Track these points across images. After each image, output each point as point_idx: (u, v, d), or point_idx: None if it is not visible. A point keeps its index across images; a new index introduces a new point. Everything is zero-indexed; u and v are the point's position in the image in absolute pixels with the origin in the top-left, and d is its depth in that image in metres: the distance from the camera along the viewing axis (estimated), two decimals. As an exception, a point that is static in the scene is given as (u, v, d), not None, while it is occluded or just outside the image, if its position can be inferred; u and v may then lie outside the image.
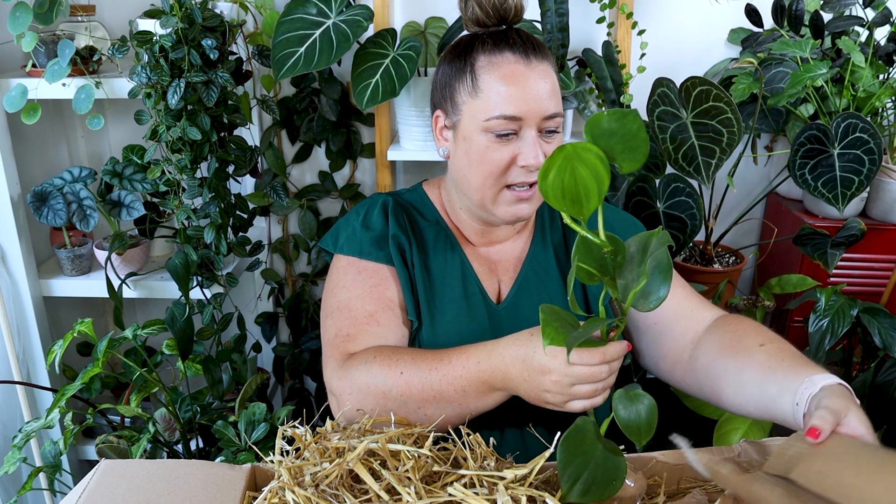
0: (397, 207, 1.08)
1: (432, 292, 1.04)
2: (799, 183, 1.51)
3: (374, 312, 1.00)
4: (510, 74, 0.94)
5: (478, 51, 0.97)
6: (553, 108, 0.95)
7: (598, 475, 0.69)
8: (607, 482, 0.70)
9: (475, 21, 0.98)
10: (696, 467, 0.75)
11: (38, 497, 1.78)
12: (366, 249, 1.04)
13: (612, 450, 0.72)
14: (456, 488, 0.68)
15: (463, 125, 0.98)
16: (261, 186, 1.86)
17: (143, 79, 1.39)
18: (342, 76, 1.82)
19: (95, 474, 0.76)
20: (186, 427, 1.48)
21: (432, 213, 1.11)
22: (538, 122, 0.95)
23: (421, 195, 1.13)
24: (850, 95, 1.60)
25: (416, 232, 1.07)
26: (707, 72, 1.87)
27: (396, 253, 1.04)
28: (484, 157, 0.96)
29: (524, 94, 0.93)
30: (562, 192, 0.68)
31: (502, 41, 0.96)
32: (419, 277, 1.04)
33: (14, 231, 1.57)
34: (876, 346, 1.53)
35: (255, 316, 1.97)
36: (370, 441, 0.72)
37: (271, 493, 0.69)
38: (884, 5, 1.60)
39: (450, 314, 1.03)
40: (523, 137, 0.95)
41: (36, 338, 1.66)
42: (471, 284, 1.06)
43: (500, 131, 0.94)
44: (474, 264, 1.08)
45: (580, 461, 0.69)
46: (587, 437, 0.71)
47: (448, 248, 1.07)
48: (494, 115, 0.94)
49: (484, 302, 1.05)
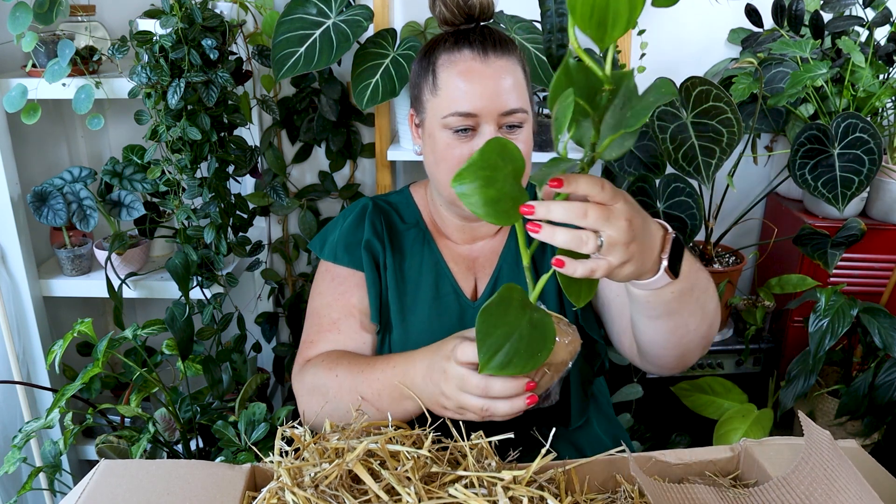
0: (375, 212, 1.10)
1: (404, 296, 1.06)
2: (799, 183, 1.51)
3: (336, 320, 1.05)
4: (466, 71, 0.95)
5: (439, 49, 0.99)
6: (513, 103, 0.95)
7: (522, 347, 0.65)
8: (531, 353, 0.66)
9: (443, 20, 1.00)
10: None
11: (38, 497, 1.78)
12: (339, 254, 1.08)
13: (539, 319, 0.68)
14: (457, 489, 0.68)
15: (427, 123, 1.01)
16: (261, 186, 1.86)
17: (143, 79, 1.39)
18: (342, 76, 1.82)
19: (95, 475, 0.76)
20: (186, 427, 1.48)
21: (413, 215, 1.12)
22: (496, 118, 0.95)
23: (406, 197, 1.15)
24: (850, 95, 1.60)
25: (392, 236, 1.09)
26: (707, 72, 1.87)
27: (369, 258, 1.06)
28: (445, 155, 0.98)
29: (480, 90, 0.94)
30: (591, 9, 0.59)
31: (463, 39, 0.97)
32: (391, 281, 1.06)
33: (14, 231, 1.57)
34: (876, 346, 1.53)
35: (255, 316, 1.97)
36: (370, 441, 0.72)
37: (270, 494, 0.69)
38: (884, 5, 1.60)
39: (420, 315, 1.05)
40: (482, 133, 0.96)
41: (36, 338, 1.66)
42: (444, 284, 1.07)
43: (456, 127, 0.96)
44: (451, 263, 1.09)
45: (502, 332, 0.65)
46: (512, 306, 0.66)
47: (425, 249, 1.09)
48: (450, 112, 0.95)
49: (458, 301, 1.06)
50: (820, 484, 0.73)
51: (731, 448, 0.84)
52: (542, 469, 0.77)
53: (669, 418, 1.86)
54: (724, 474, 0.83)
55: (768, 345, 1.85)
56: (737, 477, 0.83)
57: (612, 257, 0.67)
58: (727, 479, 0.83)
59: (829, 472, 0.73)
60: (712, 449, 0.85)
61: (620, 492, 0.79)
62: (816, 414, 1.72)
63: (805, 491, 0.73)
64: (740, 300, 1.85)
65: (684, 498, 0.75)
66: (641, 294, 0.80)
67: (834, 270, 1.70)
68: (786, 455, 0.81)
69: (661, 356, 0.94)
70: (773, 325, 1.91)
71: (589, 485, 0.80)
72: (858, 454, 0.83)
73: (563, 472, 0.78)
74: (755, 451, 0.82)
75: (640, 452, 0.83)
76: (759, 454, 0.82)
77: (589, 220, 0.65)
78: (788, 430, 1.80)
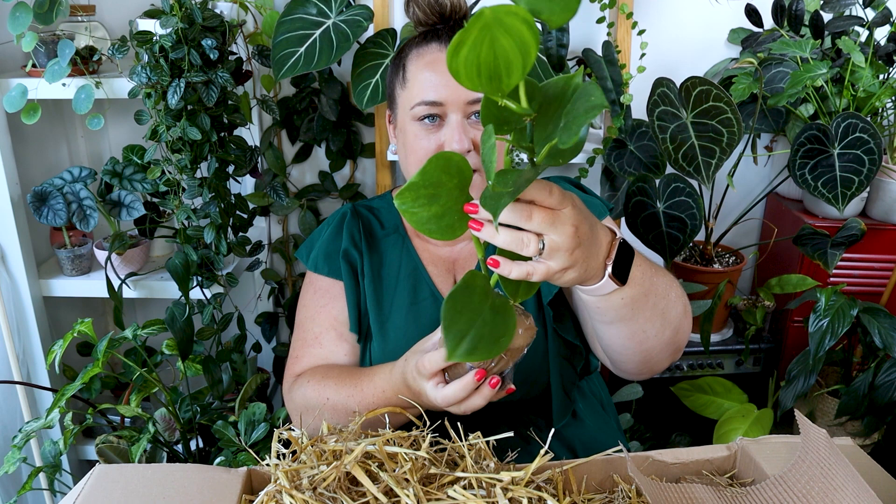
0: (353, 219, 1.10)
1: (382, 303, 1.06)
2: (799, 183, 1.51)
3: (319, 334, 1.06)
4: (432, 62, 0.97)
5: (409, 46, 1.01)
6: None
7: (486, 332, 0.65)
8: (495, 339, 0.66)
9: (417, 21, 1.01)
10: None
11: (38, 497, 1.78)
12: (320, 264, 1.09)
13: (501, 305, 0.68)
14: (456, 490, 0.68)
15: (399, 118, 1.03)
16: (261, 186, 1.86)
17: (143, 79, 1.39)
18: (342, 76, 1.82)
19: (90, 479, 0.76)
20: (186, 427, 1.48)
21: (392, 220, 1.13)
22: (462, 107, 0.96)
23: (388, 202, 1.16)
24: (850, 95, 1.60)
25: (370, 243, 1.09)
26: (707, 72, 1.87)
27: (347, 267, 1.07)
28: (414, 146, 0.99)
29: (444, 79, 0.95)
30: (477, 70, 0.55)
31: (432, 35, 0.99)
32: (369, 289, 1.06)
33: (14, 231, 1.57)
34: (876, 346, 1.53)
35: (255, 316, 1.97)
36: (367, 443, 0.72)
37: (268, 497, 0.69)
38: (884, 5, 1.59)
39: (398, 321, 1.05)
40: (448, 123, 0.97)
41: (36, 338, 1.66)
42: (422, 289, 1.07)
43: (422, 115, 0.97)
44: (430, 266, 1.09)
45: (466, 319, 0.64)
46: (475, 293, 0.66)
47: (403, 254, 1.09)
48: (417, 102, 0.97)
49: (434, 304, 1.06)
50: (817, 482, 0.73)
51: (727, 447, 0.84)
52: (540, 469, 0.77)
53: (669, 418, 1.86)
54: (721, 473, 0.83)
55: (768, 345, 1.85)
56: (734, 476, 0.83)
57: (553, 262, 0.67)
58: (724, 477, 0.83)
59: (826, 470, 0.73)
60: (709, 448, 0.85)
61: (618, 491, 0.79)
62: (816, 414, 1.72)
63: (802, 489, 0.73)
64: (740, 300, 1.85)
65: (682, 497, 0.75)
66: (590, 300, 0.80)
67: (834, 270, 1.70)
68: (782, 453, 0.81)
69: (622, 361, 0.93)
70: (773, 325, 1.91)
71: (586, 485, 0.80)
72: (854, 452, 0.82)
73: (561, 473, 0.78)
74: (752, 450, 0.82)
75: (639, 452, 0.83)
76: (756, 453, 0.82)
77: (533, 223, 0.65)
78: (788, 429, 1.80)
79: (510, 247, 0.65)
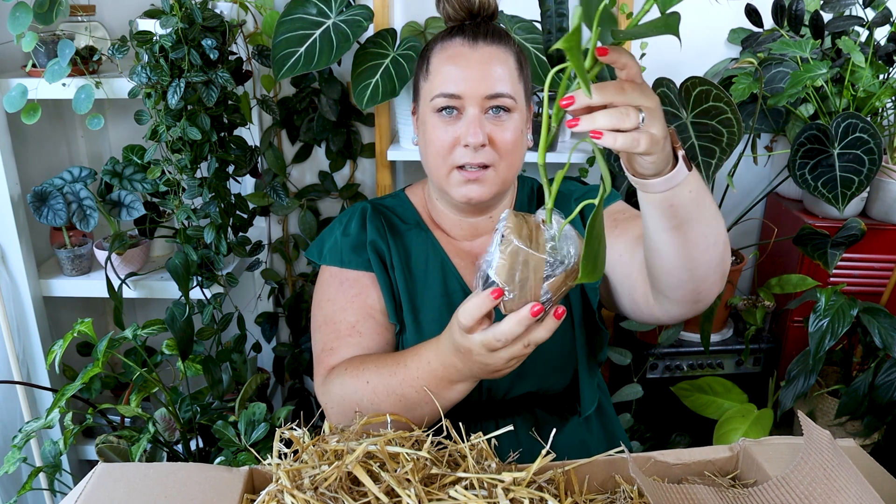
0: (375, 214, 1.10)
1: (414, 295, 1.06)
2: (799, 183, 1.51)
3: (355, 323, 1.03)
4: (454, 55, 0.98)
5: (435, 40, 1.02)
6: (499, 88, 0.97)
7: (603, 254, 0.69)
8: (603, 259, 0.69)
9: (447, 17, 1.03)
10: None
11: (38, 497, 1.78)
12: (346, 258, 1.07)
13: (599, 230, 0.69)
14: (457, 491, 0.68)
15: (420, 110, 1.04)
16: (261, 186, 1.86)
17: (143, 79, 1.39)
18: (342, 76, 1.82)
19: (92, 478, 0.76)
20: (186, 427, 1.48)
21: (412, 216, 1.12)
22: (480, 101, 0.97)
23: (402, 199, 1.15)
24: (850, 95, 1.60)
25: (395, 236, 1.09)
26: (707, 72, 1.87)
27: (376, 258, 1.06)
28: (433, 137, 1.00)
29: (465, 73, 0.97)
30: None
31: (457, 30, 1.00)
32: (400, 281, 1.05)
33: (14, 231, 1.57)
34: (876, 346, 1.53)
35: (255, 316, 1.97)
36: (369, 443, 0.72)
37: (269, 496, 0.69)
38: (884, 5, 1.59)
39: (432, 314, 1.04)
40: (465, 116, 0.98)
41: (36, 338, 1.66)
42: (452, 282, 1.06)
43: (441, 106, 0.98)
44: (456, 260, 1.08)
45: (602, 245, 0.68)
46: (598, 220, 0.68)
47: (429, 248, 1.08)
48: (436, 94, 0.98)
49: (465, 296, 1.05)
50: (819, 483, 0.73)
51: (730, 448, 0.84)
52: (542, 470, 0.77)
53: (669, 418, 1.86)
54: (724, 474, 0.83)
55: (768, 345, 1.85)
56: (736, 477, 0.84)
57: (654, 129, 0.69)
58: (726, 478, 0.83)
59: (828, 471, 0.73)
60: (711, 449, 0.85)
61: (620, 492, 0.79)
62: (816, 414, 1.72)
63: (805, 490, 0.73)
64: (740, 300, 1.85)
65: (684, 498, 0.75)
66: (662, 199, 0.77)
67: (834, 270, 1.70)
68: (785, 454, 0.81)
69: (676, 286, 0.88)
70: (773, 325, 1.91)
71: (588, 485, 0.80)
72: (857, 454, 0.83)
73: (563, 473, 0.78)
74: (754, 451, 0.82)
75: (639, 452, 0.83)
76: (758, 454, 0.82)
77: (627, 94, 0.67)
78: (788, 429, 1.80)
79: (613, 123, 0.67)
